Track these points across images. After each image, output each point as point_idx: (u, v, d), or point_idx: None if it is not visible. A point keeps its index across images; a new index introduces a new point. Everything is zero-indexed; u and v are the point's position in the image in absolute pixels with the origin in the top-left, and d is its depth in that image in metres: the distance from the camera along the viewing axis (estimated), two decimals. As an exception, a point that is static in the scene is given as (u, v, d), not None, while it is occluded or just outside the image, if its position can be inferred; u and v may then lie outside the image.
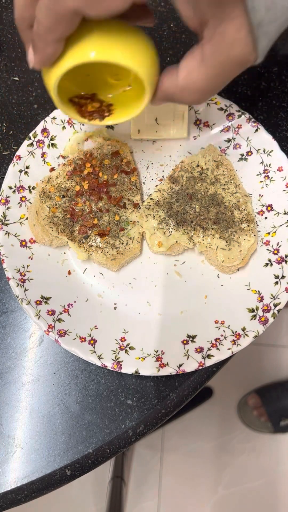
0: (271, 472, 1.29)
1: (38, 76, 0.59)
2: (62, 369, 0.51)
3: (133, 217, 0.51)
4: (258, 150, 0.52)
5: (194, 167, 0.52)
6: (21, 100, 0.59)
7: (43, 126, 0.53)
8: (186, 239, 0.50)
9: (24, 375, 0.51)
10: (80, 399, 0.50)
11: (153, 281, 0.51)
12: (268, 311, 0.47)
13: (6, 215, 0.50)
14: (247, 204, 0.50)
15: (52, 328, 0.47)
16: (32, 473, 0.48)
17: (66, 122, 0.53)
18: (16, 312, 0.53)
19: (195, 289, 0.51)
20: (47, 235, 0.50)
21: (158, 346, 0.47)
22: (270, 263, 0.49)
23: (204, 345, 0.47)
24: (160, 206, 0.51)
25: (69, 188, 0.51)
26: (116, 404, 0.49)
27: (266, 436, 1.31)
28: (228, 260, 0.49)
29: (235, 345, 0.46)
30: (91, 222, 0.50)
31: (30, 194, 0.52)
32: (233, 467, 1.30)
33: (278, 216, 0.50)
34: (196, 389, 0.49)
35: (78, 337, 0.47)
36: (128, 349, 0.47)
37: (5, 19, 0.62)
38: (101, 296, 0.51)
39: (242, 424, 1.32)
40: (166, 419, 0.49)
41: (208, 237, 0.50)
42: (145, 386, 0.50)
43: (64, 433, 0.49)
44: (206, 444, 1.32)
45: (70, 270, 0.52)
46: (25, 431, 0.49)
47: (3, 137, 0.58)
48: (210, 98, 0.53)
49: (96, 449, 0.48)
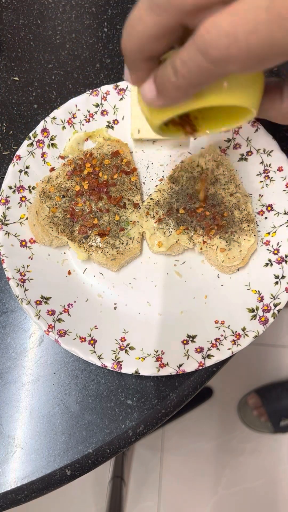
0: (271, 472, 1.29)
1: (38, 76, 0.59)
2: (62, 369, 0.51)
3: (133, 217, 0.51)
4: (258, 150, 0.52)
5: (194, 167, 0.52)
6: (21, 100, 0.59)
7: (43, 126, 0.53)
8: (186, 239, 0.50)
9: (24, 375, 0.51)
10: (80, 399, 0.50)
11: (153, 281, 0.51)
12: (268, 311, 0.47)
13: (6, 215, 0.50)
14: (247, 204, 0.50)
15: (52, 328, 0.47)
16: (32, 473, 0.48)
17: (66, 122, 0.53)
18: (16, 312, 0.53)
19: (195, 289, 0.51)
20: (47, 235, 0.50)
21: (158, 346, 0.47)
22: (270, 263, 0.49)
23: (204, 345, 0.47)
24: (160, 206, 0.51)
25: (69, 188, 0.51)
26: (116, 404, 0.49)
27: (266, 436, 1.31)
28: (228, 260, 0.49)
29: (235, 345, 0.46)
30: (91, 222, 0.50)
31: (30, 194, 0.52)
32: (233, 467, 1.30)
33: (278, 216, 0.50)
34: (196, 389, 0.49)
35: (78, 337, 0.47)
36: (128, 349, 0.47)
37: (5, 19, 0.62)
38: (101, 296, 0.51)
39: (242, 424, 1.32)
40: (166, 419, 0.49)
41: (208, 237, 0.50)
42: (145, 386, 0.50)
43: (64, 433, 0.49)
44: (206, 444, 1.32)
45: (70, 270, 0.52)
46: (25, 431, 0.49)
47: (3, 137, 0.58)
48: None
49: (96, 449, 0.48)
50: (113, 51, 0.60)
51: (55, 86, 0.59)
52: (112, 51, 0.60)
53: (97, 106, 0.54)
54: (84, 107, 0.53)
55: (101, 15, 0.61)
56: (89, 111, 0.54)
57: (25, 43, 0.61)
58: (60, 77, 0.59)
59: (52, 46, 0.60)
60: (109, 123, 0.54)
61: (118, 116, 0.54)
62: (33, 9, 0.62)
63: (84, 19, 0.61)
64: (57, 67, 0.60)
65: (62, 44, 0.60)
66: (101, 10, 0.61)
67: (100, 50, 0.60)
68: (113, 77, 0.59)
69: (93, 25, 0.61)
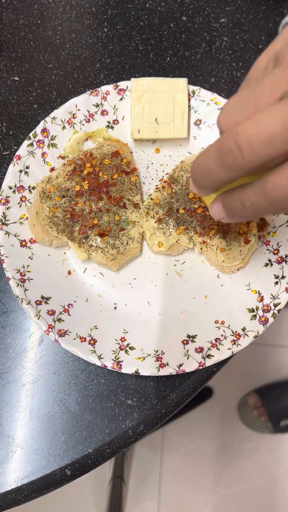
0: (271, 472, 1.29)
1: (38, 76, 0.59)
2: (62, 369, 0.51)
3: (133, 217, 0.51)
4: (258, 150, 0.52)
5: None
6: (21, 100, 0.59)
7: (43, 126, 0.53)
8: (186, 239, 0.50)
9: (24, 375, 0.51)
10: (80, 399, 0.50)
11: (153, 281, 0.51)
12: (268, 311, 0.47)
13: (6, 215, 0.50)
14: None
15: (52, 328, 0.47)
16: (32, 473, 0.48)
17: (66, 122, 0.53)
18: (16, 312, 0.53)
19: (195, 289, 0.51)
20: (47, 235, 0.50)
21: (158, 346, 0.47)
22: (270, 263, 0.49)
23: (204, 345, 0.47)
24: (160, 206, 0.51)
25: (69, 188, 0.51)
26: (116, 404, 0.49)
27: (266, 436, 1.31)
28: (228, 260, 0.49)
29: (235, 345, 0.46)
30: (91, 222, 0.50)
31: (30, 194, 0.52)
32: (233, 467, 1.30)
33: (278, 216, 0.50)
34: (196, 389, 0.49)
35: (78, 337, 0.47)
36: (128, 349, 0.47)
37: (5, 19, 0.62)
38: (101, 296, 0.51)
39: (242, 424, 1.32)
40: (166, 419, 0.49)
41: (208, 237, 0.50)
42: (145, 386, 0.50)
43: (64, 433, 0.49)
44: (206, 444, 1.32)
45: (70, 270, 0.52)
46: (25, 431, 0.49)
47: (3, 137, 0.58)
48: (210, 98, 0.53)
49: (96, 449, 0.48)
50: (113, 51, 0.60)
51: (55, 86, 0.59)
52: (112, 51, 0.60)
53: (97, 106, 0.54)
54: (84, 107, 0.53)
55: (101, 15, 0.61)
56: (89, 111, 0.54)
57: (25, 43, 0.61)
58: (60, 77, 0.59)
59: (52, 46, 0.60)
60: (109, 123, 0.54)
61: (118, 116, 0.54)
62: (33, 9, 0.62)
63: (84, 19, 0.61)
64: (57, 67, 0.60)
65: (62, 44, 0.60)
66: (101, 10, 0.61)
67: (100, 50, 0.60)
68: (113, 77, 0.59)
69: (93, 25, 0.61)
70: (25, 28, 0.61)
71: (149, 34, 0.60)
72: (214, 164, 0.27)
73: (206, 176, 0.28)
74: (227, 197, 0.30)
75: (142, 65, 0.59)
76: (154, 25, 0.60)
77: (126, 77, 0.59)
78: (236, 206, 0.29)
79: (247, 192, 0.28)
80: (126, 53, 0.59)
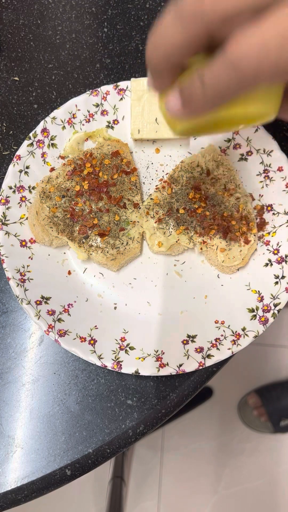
0: (271, 472, 1.29)
1: (38, 76, 0.59)
2: (62, 369, 0.51)
3: (133, 217, 0.51)
4: (258, 150, 0.52)
5: (194, 167, 0.52)
6: (21, 100, 0.59)
7: (43, 126, 0.53)
8: (186, 239, 0.50)
9: (24, 375, 0.51)
10: (80, 399, 0.50)
11: (153, 281, 0.51)
12: (268, 311, 0.47)
13: (6, 215, 0.50)
14: (247, 204, 0.50)
15: (52, 328, 0.47)
16: (32, 473, 0.48)
17: (66, 122, 0.53)
18: (16, 312, 0.53)
19: (195, 289, 0.51)
20: (47, 235, 0.50)
21: (158, 346, 0.47)
22: (270, 263, 0.49)
23: (204, 345, 0.47)
24: (160, 206, 0.51)
25: (69, 188, 0.51)
26: (116, 404, 0.49)
27: (266, 436, 1.31)
28: (228, 260, 0.49)
29: (235, 345, 0.46)
30: (91, 222, 0.50)
31: (30, 194, 0.52)
32: (233, 467, 1.30)
33: (278, 216, 0.50)
34: (196, 389, 0.49)
35: (78, 337, 0.47)
36: (128, 349, 0.47)
37: (5, 19, 0.62)
38: (101, 296, 0.51)
39: (242, 424, 1.32)
40: (166, 419, 0.49)
41: (208, 237, 0.50)
42: (145, 386, 0.50)
43: (64, 433, 0.49)
44: (206, 444, 1.32)
45: (70, 270, 0.52)
46: (25, 431, 0.49)
47: (3, 137, 0.58)
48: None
49: (96, 449, 0.48)
50: (113, 51, 0.60)
51: (55, 86, 0.59)
52: (112, 51, 0.60)
53: (97, 106, 0.54)
54: (84, 107, 0.53)
55: (101, 15, 0.61)
56: (89, 111, 0.54)
57: (25, 43, 0.61)
58: (60, 77, 0.59)
59: (52, 46, 0.60)
60: (109, 123, 0.54)
61: (118, 116, 0.54)
62: (33, 9, 0.62)
63: (84, 19, 0.61)
64: (57, 67, 0.59)
65: (62, 44, 0.60)
66: (101, 10, 0.61)
67: (100, 50, 0.60)
68: (113, 77, 0.59)
69: (93, 25, 0.61)
70: (25, 28, 0.61)
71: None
72: (171, 27, 0.24)
73: (160, 40, 0.25)
74: (185, 80, 0.27)
75: (142, 65, 0.59)
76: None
77: (126, 77, 0.59)
78: (194, 86, 0.25)
79: (208, 65, 0.24)
80: (126, 53, 0.59)
